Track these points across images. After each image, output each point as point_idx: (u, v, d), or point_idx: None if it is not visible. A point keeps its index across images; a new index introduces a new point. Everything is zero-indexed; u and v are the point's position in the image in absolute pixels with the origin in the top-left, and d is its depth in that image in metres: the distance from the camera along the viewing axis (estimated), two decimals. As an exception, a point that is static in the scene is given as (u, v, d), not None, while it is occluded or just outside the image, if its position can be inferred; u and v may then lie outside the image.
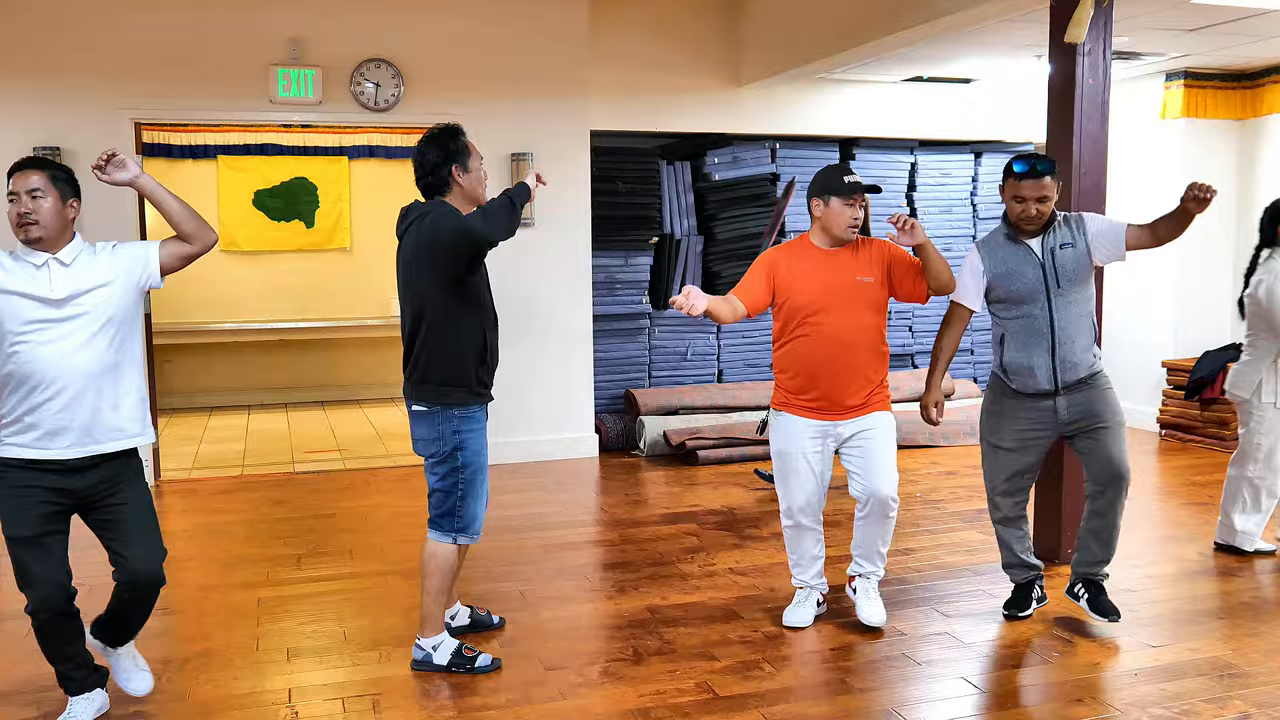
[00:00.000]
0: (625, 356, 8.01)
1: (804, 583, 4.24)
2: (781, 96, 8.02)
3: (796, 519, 4.14)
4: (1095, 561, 4.18)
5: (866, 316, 3.98)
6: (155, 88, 6.59)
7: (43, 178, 3.20)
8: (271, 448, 8.03)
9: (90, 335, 3.18)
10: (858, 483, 4.08)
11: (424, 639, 3.81)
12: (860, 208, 3.97)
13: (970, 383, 8.67)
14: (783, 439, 4.09)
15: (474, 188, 3.77)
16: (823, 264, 4.00)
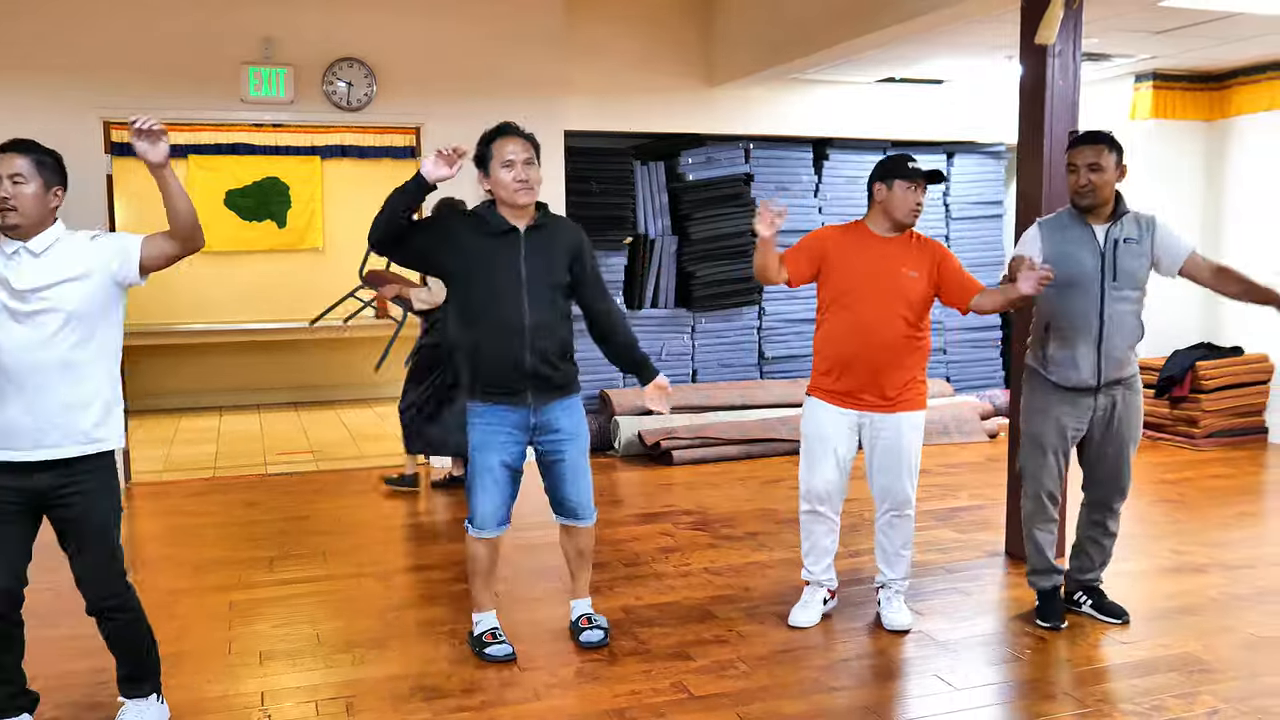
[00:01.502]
0: (599, 356, 7.90)
1: (814, 576, 4.22)
2: (755, 97, 8.04)
3: (814, 505, 4.14)
4: (1093, 569, 4.21)
5: (906, 310, 3.96)
6: (126, 86, 6.52)
7: (27, 162, 3.06)
8: (243, 449, 7.97)
9: (53, 331, 3.00)
10: (876, 480, 4.10)
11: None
12: (923, 193, 3.97)
13: (944, 382, 8.72)
14: (812, 424, 4.10)
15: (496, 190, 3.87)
16: (872, 249, 4.00)
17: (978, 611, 4.37)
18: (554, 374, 3.87)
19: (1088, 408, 4.02)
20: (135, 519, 6.13)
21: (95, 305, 3.09)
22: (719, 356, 8.33)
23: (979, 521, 5.69)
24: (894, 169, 4.00)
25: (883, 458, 4.07)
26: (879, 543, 4.22)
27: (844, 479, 4.13)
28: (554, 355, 3.86)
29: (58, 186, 3.16)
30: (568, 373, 3.94)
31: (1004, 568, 4.94)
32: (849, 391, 4.02)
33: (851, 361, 3.98)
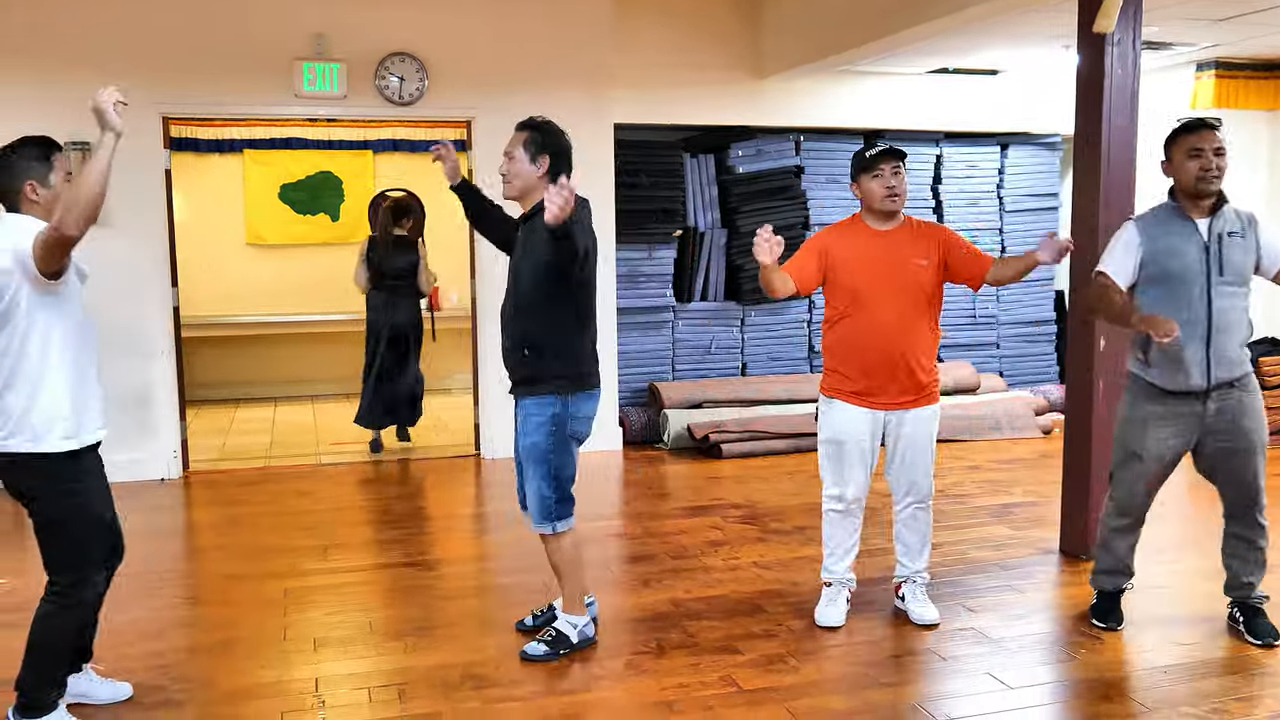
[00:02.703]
0: (649, 350, 8.00)
1: (835, 575, 4.19)
2: (804, 89, 7.98)
3: (849, 505, 4.10)
4: (1244, 584, 4.01)
5: (920, 301, 3.92)
6: (183, 82, 6.63)
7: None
8: (296, 439, 8.08)
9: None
10: (900, 474, 4.06)
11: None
12: (893, 175, 3.90)
13: (996, 376, 8.61)
14: (834, 427, 4.05)
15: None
16: (876, 245, 3.94)
17: (1031, 609, 4.32)
18: (514, 367, 3.83)
19: (1195, 416, 3.81)
20: (192, 507, 6.24)
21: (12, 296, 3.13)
22: (768, 350, 8.30)
23: (1033, 518, 5.62)
24: (858, 166, 3.99)
25: (905, 452, 4.02)
26: (901, 537, 4.18)
27: (868, 477, 4.09)
28: (512, 347, 3.82)
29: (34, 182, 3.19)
30: (530, 368, 3.77)
31: (1058, 565, 4.87)
32: (871, 390, 3.96)
33: (872, 360, 3.92)
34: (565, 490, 3.84)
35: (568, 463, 3.82)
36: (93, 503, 3.20)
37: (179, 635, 4.10)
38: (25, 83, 6.37)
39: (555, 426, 3.75)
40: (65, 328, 3.11)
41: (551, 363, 3.75)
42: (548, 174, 3.79)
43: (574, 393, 3.78)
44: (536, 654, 3.82)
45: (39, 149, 3.16)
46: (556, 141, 3.85)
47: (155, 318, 6.70)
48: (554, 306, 3.72)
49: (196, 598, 4.55)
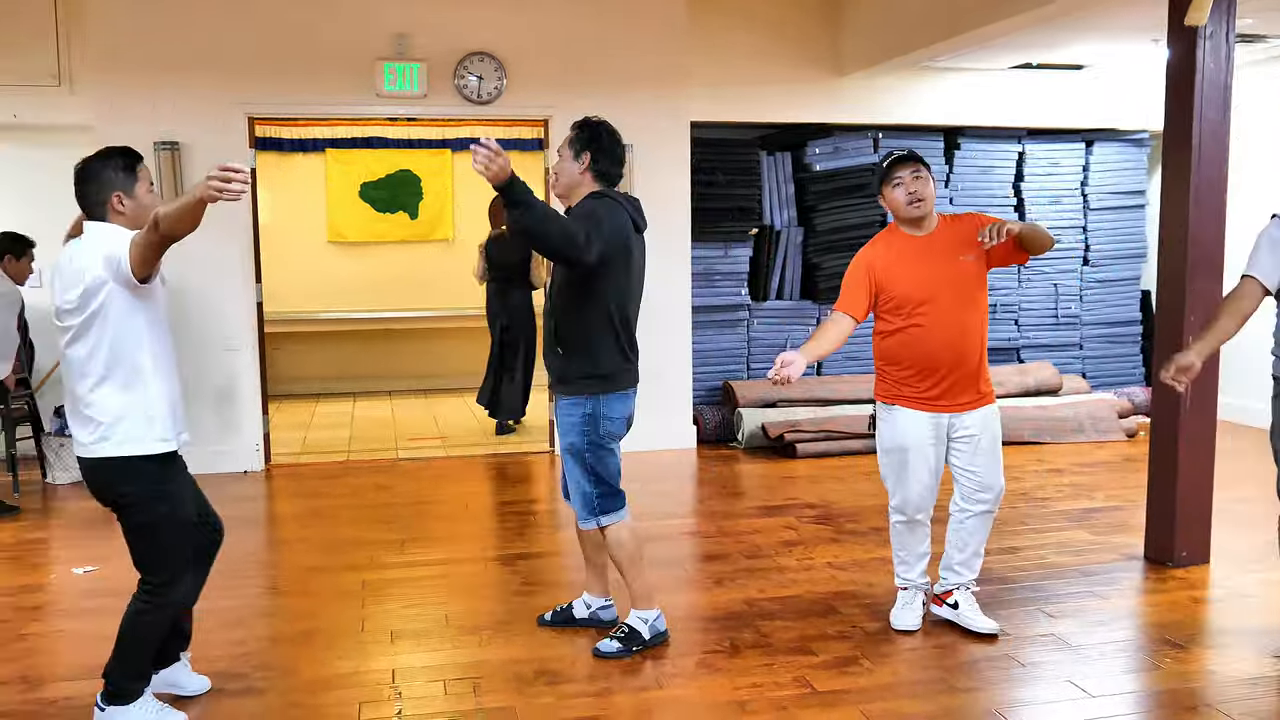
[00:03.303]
0: (723, 348, 7.98)
1: (909, 582, 4.13)
2: (883, 86, 7.89)
3: (912, 515, 4.04)
4: None
5: (975, 297, 3.86)
6: (268, 83, 6.78)
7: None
8: (375, 434, 8.21)
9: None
10: (970, 479, 3.98)
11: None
12: (914, 180, 3.84)
13: (1079, 378, 8.43)
14: (897, 434, 3.96)
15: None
16: (920, 250, 3.89)
17: (1113, 616, 4.22)
18: (550, 366, 3.89)
19: None
20: (274, 499, 6.38)
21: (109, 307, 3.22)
22: (844, 349, 8.19)
23: (1116, 524, 5.49)
24: (879, 178, 3.95)
25: (975, 454, 3.94)
26: (960, 543, 4.06)
27: (936, 483, 4.01)
28: (547, 347, 3.87)
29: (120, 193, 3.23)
30: (561, 367, 3.82)
31: (1142, 572, 4.75)
32: (935, 395, 3.89)
33: (935, 366, 3.85)
34: (610, 485, 3.84)
35: (606, 459, 3.83)
36: (185, 503, 3.28)
37: (261, 625, 4.19)
38: (125, 86, 6.58)
39: (589, 426, 3.78)
40: (156, 332, 3.20)
41: (582, 362, 3.77)
42: (589, 170, 3.82)
43: (606, 393, 3.79)
44: (609, 650, 3.84)
45: (124, 160, 3.21)
46: (598, 137, 3.84)
47: (240, 313, 6.86)
48: (583, 306, 3.74)
49: (278, 588, 4.65)
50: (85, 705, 3.44)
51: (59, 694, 3.56)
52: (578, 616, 4.15)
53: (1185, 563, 4.76)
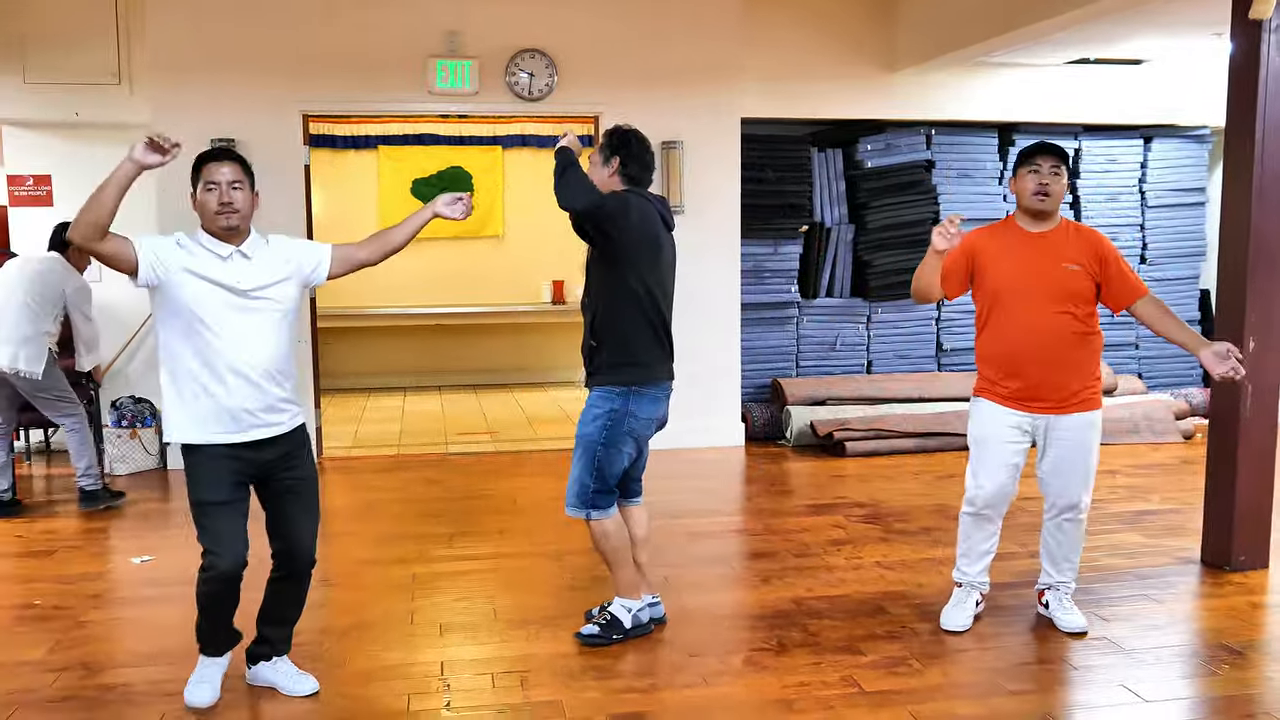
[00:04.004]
0: (773, 346, 7.95)
1: (967, 577, 4.09)
2: (937, 81, 7.81)
3: (980, 510, 4.01)
4: None
5: (1069, 305, 3.79)
6: (322, 81, 6.86)
7: (238, 169, 3.31)
8: (425, 429, 8.28)
9: (267, 324, 3.30)
10: (1047, 486, 3.94)
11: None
12: (1050, 174, 3.79)
13: (1135, 378, 8.29)
14: (980, 426, 3.97)
15: None
16: (1027, 245, 3.84)
17: (1169, 621, 4.14)
18: (585, 360, 3.94)
19: None
20: (326, 493, 6.43)
21: (295, 300, 3.42)
22: (895, 348, 8.15)
23: (1171, 527, 5.39)
24: (1017, 159, 3.89)
25: (1057, 461, 3.88)
26: (1046, 545, 4.04)
27: (1015, 483, 3.97)
28: (584, 341, 3.93)
29: (256, 192, 3.39)
30: (595, 359, 3.87)
31: (1198, 576, 4.66)
32: (1021, 394, 3.85)
33: (1021, 363, 3.81)
34: (607, 483, 3.87)
35: (615, 458, 3.85)
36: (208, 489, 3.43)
37: (312, 616, 4.23)
38: (182, 84, 6.69)
39: (611, 422, 3.81)
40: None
41: (616, 353, 3.82)
42: (618, 174, 3.87)
43: (639, 384, 3.82)
44: (587, 633, 3.91)
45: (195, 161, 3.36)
46: (627, 143, 3.88)
47: (294, 308, 6.94)
48: (617, 297, 3.78)
49: (329, 580, 4.70)
50: (142, 691, 3.52)
51: (118, 680, 3.63)
52: None
53: (1243, 567, 4.67)
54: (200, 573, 3.32)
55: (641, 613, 3.97)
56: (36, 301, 5.62)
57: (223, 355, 3.24)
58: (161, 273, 3.20)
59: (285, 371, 3.37)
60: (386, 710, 3.41)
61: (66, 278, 5.76)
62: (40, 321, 5.62)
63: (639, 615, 3.96)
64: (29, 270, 5.74)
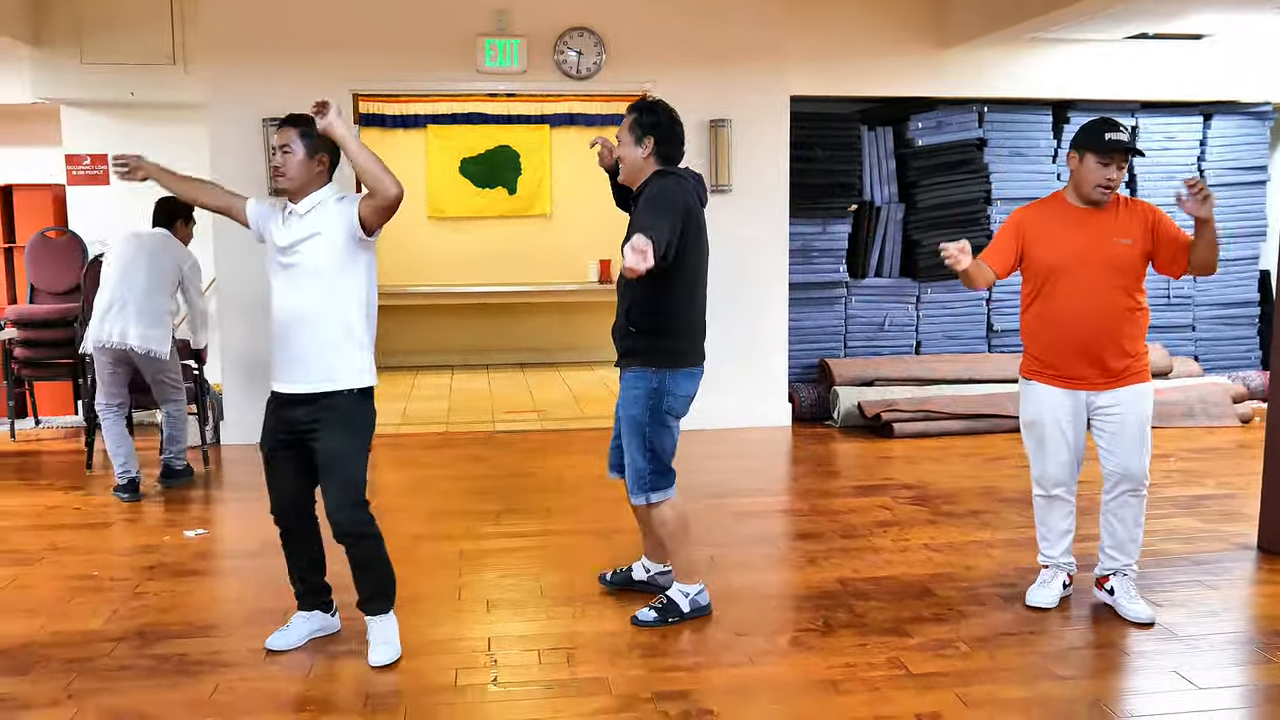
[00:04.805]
0: (821, 326, 7.90)
1: (1052, 559, 4.06)
2: (989, 58, 7.68)
3: (1049, 490, 3.99)
4: None
5: (1121, 281, 3.74)
6: (372, 61, 6.90)
7: (289, 133, 3.46)
8: (473, 406, 8.34)
9: (300, 280, 3.44)
10: (1109, 459, 3.89)
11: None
12: (1118, 169, 3.73)
13: (1191, 360, 8.14)
14: (1033, 409, 3.94)
15: None
16: (1078, 222, 3.79)
17: (1224, 607, 4.08)
18: (620, 341, 3.91)
19: None
20: (375, 469, 6.52)
21: (335, 258, 3.45)
22: (944, 328, 8.07)
23: (1227, 512, 5.30)
24: (1089, 140, 3.74)
25: (1115, 435, 3.84)
26: (1109, 527, 3.98)
27: (1077, 459, 3.95)
28: (619, 323, 3.90)
29: (322, 153, 3.48)
30: (632, 343, 3.85)
31: (1255, 562, 4.58)
32: (1071, 372, 3.82)
33: (1070, 341, 3.78)
34: (663, 463, 3.86)
35: (665, 436, 3.84)
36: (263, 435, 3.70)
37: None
38: (235, 64, 6.76)
39: (652, 401, 3.80)
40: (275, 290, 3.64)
41: (654, 338, 3.80)
42: (652, 154, 3.82)
43: (673, 369, 3.81)
44: (646, 619, 3.91)
45: None
46: (659, 121, 3.82)
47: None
48: (659, 284, 3.73)
49: (379, 555, 4.75)
50: (197, 661, 3.59)
51: (173, 650, 3.70)
52: (636, 579, 4.23)
53: None
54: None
55: (700, 596, 3.97)
56: (157, 280, 5.55)
57: (274, 305, 3.51)
58: (261, 228, 3.60)
59: (316, 329, 3.43)
60: (434, 684, 3.45)
61: (180, 254, 5.69)
62: (162, 300, 5.57)
63: (697, 599, 3.96)
64: (145, 248, 5.61)
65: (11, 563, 4.64)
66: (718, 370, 7.26)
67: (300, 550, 3.70)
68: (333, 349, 3.45)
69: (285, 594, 3.81)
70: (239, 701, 3.33)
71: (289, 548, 3.70)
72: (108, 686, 3.43)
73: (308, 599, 3.75)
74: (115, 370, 5.63)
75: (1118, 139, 3.71)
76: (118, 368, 5.63)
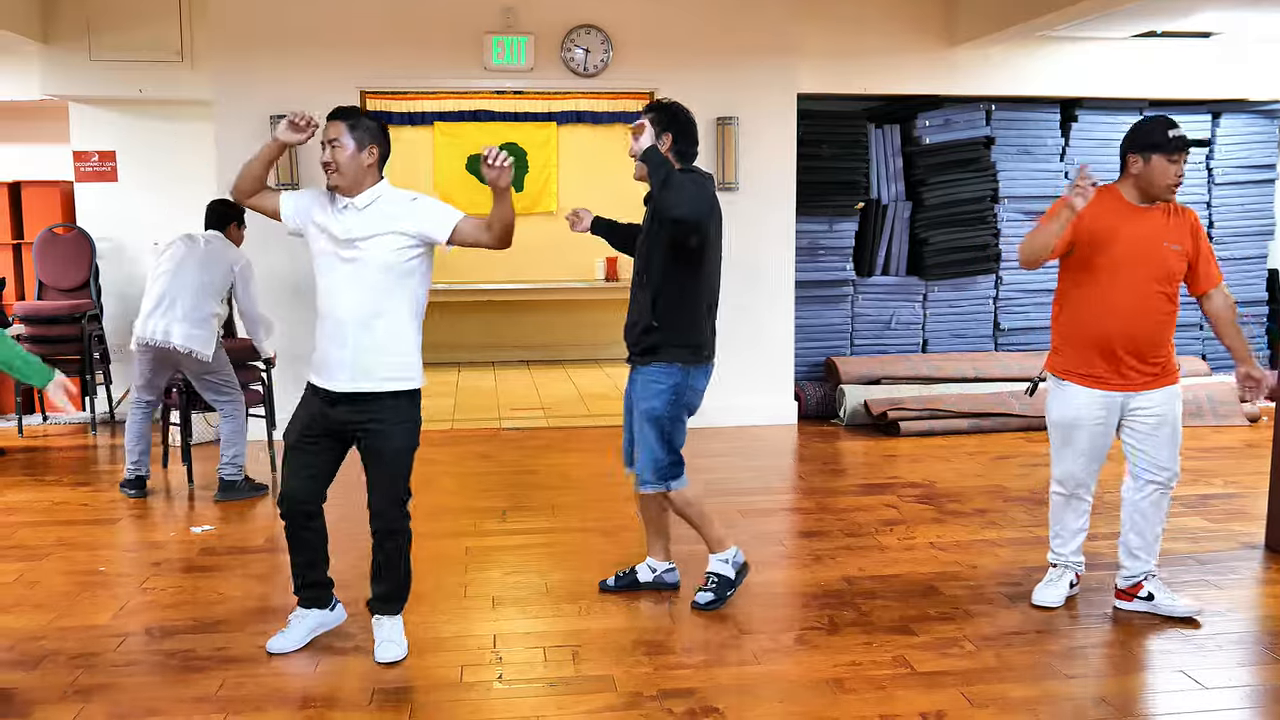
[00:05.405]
0: (827, 324, 7.89)
1: (1062, 558, 4.06)
2: (997, 56, 7.66)
3: (1071, 490, 3.97)
4: None
5: (1167, 286, 3.75)
6: (379, 58, 6.91)
7: (338, 127, 3.42)
8: (479, 404, 8.35)
9: (361, 277, 3.39)
10: (1142, 457, 3.88)
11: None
12: (1184, 164, 3.72)
13: (1199, 360, 8.12)
14: (1063, 408, 3.89)
15: None
16: (1134, 221, 3.76)
17: (1231, 606, 4.07)
18: (638, 340, 3.97)
19: None
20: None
21: (399, 258, 3.43)
22: (951, 327, 8.05)
23: (1234, 511, 5.29)
24: (1153, 140, 3.71)
25: (1149, 435, 3.84)
26: (1137, 527, 3.94)
27: (1102, 461, 3.94)
28: (638, 322, 3.96)
29: (371, 145, 3.47)
30: (649, 340, 3.92)
31: (1262, 562, 4.57)
32: (1111, 373, 3.79)
33: (1110, 341, 3.75)
34: (678, 453, 3.99)
35: (680, 428, 3.98)
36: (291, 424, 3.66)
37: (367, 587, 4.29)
38: (242, 61, 6.77)
39: (674, 395, 3.90)
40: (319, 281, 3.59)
41: (676, 336, 3.88)
42: (670, 151, 3.87)
43: (694, 365, 3.91)
44: (705, 601, 3.99)
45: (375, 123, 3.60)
46: (676, 119, 3.90)
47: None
48: (680, 284, 3.85)
49: (385, 551, 4.76)
50: (204, 657, 3.60)
51: (180, 646, 3.71)
52: (642, 580, 4.24)
53: None
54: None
55: (737, 557, 4.10)
56: (207, 281, 5.51)
57: (325, 299, 3.46)
58: (301, 221, 3.51)
59: (376, 328, 3.42)
60: (440, 681, 3.45)
61: (233, 256, 5.64)
62: (210, 301, 5.52)
63: (736, 560, 4.09)
64: (198, 249, 5.58)
65: (19, 558, 4.66)
66: (724, 368, 7.24)
67: (305, 545, 3.66)
68: (394, 348, 3.47)
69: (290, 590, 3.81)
70: (245, 697, 3.33)
71: (293, 541, 3.66)
72: (114, 682, 3.44)
73: (306, 595, 3.73)
74: (155, 368, 5.63)
75: (1181, 134, 3.70)
76: (158, 366, 5.61)
